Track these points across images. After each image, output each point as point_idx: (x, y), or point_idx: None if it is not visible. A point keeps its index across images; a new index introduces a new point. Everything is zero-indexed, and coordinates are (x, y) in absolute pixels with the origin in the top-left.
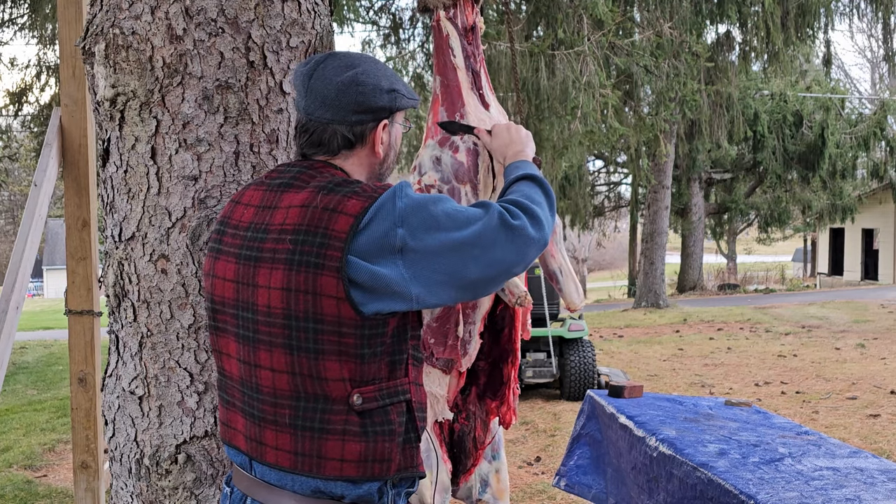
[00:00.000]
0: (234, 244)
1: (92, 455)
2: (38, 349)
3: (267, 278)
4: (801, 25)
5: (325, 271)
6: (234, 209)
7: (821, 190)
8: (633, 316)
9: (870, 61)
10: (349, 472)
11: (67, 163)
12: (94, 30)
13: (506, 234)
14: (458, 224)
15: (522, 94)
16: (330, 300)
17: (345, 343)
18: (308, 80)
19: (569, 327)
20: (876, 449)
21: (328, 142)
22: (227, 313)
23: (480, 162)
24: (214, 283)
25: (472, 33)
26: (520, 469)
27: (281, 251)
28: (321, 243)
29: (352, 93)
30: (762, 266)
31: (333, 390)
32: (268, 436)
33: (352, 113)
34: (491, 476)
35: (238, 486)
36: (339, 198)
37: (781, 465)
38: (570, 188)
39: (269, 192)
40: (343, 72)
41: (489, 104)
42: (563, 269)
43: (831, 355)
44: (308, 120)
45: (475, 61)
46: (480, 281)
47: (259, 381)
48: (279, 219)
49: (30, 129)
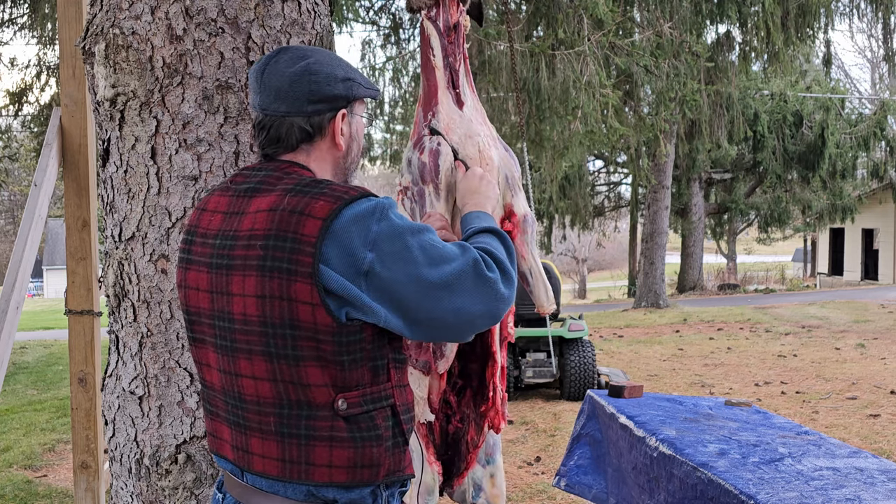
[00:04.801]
0: (204, 253)
1: (92, 455)
2: (38, 349)
3: (241, 286)
4: (801, 25)
5: (299, 277)
6: (201, 217)
7: (821, 190)
8: (633, 316)
9: (870, 61)
10: (339, 477)
11: (67, 163)
12: (94, 30)
13: (476, 283)
14: (432, 260)
15: (523, 95)
16: (305, 306)
17: (323, 349)
18: (261, 76)
19: (569, 327)
20: (876, 449)
21: (286, 136)
22: (204, 324)
23: (442, 163)
24: (188, 294)
25: (454, 32)
26: (520, 469)
27: (252, 258)
28: (291, 248)
29: (305, 82)
30: (762, 266)
31: (317, 396)
32: (254, 444)
33: (307, 103)
34: (485, 480)
35: (231, 493)
36: (306, 199)
37: (781, 465)
38: (570, 188)
39: (236, 197)
40: (295, 63)
41: (464, 103)
42: (533, 270)
43: (831, 355)
44: (264, 116)
45: (455, 60)
46: (437, 323)
47: (241, 390)
48: (247, 224)
49: (30, 129)
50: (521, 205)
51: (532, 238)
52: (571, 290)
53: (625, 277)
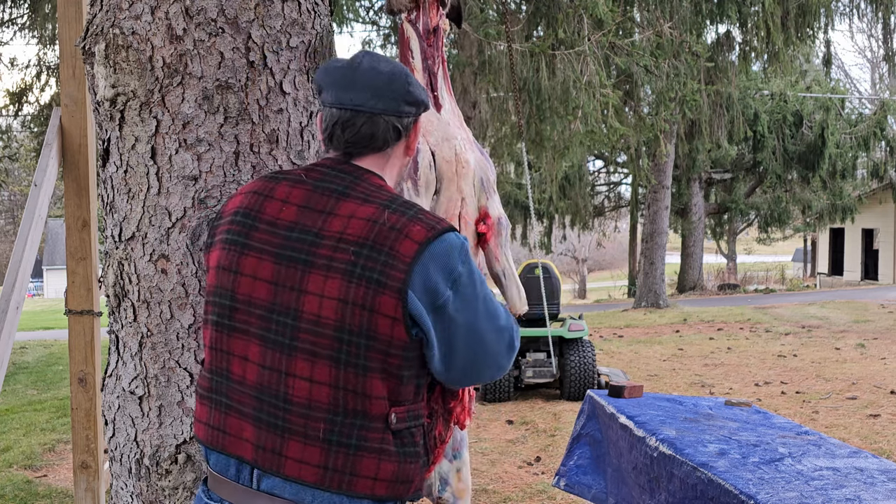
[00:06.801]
0: (272, 242)
1: (92, 455)
2: (38, 349)
3: (320, 286)
4: (801, 25)
5: (387, 290)
6: (265, 203)
7: (821, 190)
8: (633, 316)
9: (870, 61)
10: (380, 491)
11: (67, 163)
12: (94, 30)
13: (505, 352)
14: (489, 315)
15: (523, 95)
16: (386, 319)
17: (390, 363)
18: (352, 73)
19: (569, 327)
20: (876, 449)
21: (382, 134)
22: (255, 314)
23: (420, 159)
24: (240, 281)
25: (434, 35)
26: (520, 469)
27: (339, 260)
28: (385, 262)
29: (402, 82)
30: (762, 266)
31: (374, 408)
32: (292, 448)
33: (403, 103)
34: (451, 475)
35: (230, 500)
36: (405, 220)
37: (781, 465)
38: (570, 188)
39: (318, 194)
40: (387, 64)
41: (441, 106)
42: (506, 272)
43: (831, 355)
44: (355, 113)
45: (433, 63)
46: (466, 370)
47: (289, 391)
48: (337, 226)
49: (30, 129)
50: (496, 207)
51: (506, 240)
52: (571, 290)
53: (625, 277)
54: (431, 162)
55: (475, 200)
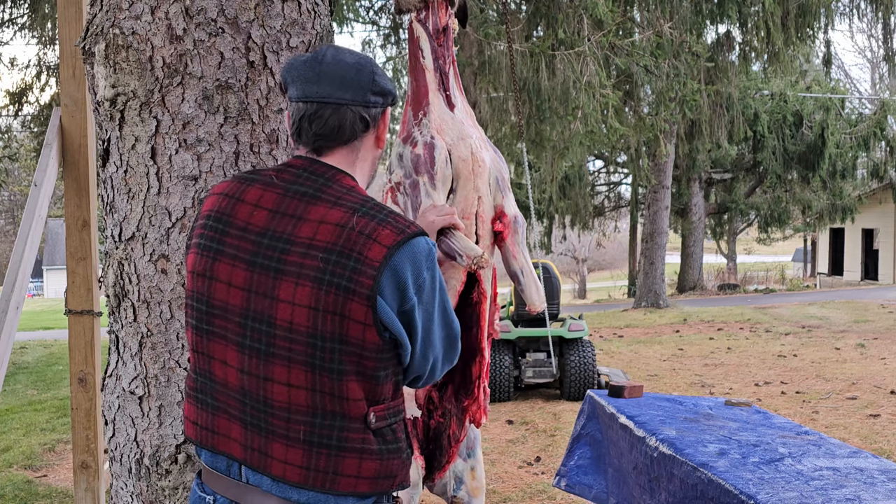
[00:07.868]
0: (244, 248)
1: (92, 455)
2: (38, 349)
3: (290, 293)
4: (801, 25)
5: (356, 297)
6: (237, 207)
7: (821, 190)
8: (633, 316)
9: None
10: (362, 488)
11: (67, 163)
12: (94, 30)
13: (449, 363)
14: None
15: (523, 95)
16: (357, 325)
17: (365, 365)
18: (318, 66)
19: (569, 327)
20: (876, 449)
21: (349, 126)
22: (231, 320)
23: (437, 154)
24: (214, 287)
25: (443, 35)
26: (520, 469)
27: (309, 267)
28: (354, 268)
29: (367, 72)
30: (762, 266)
31: (353, 409)
32: (276, 449)
33: (370, 93)
34: (466, 474)
35: (224, 494)
36: (374, 224)
37: (781, 465)
38: (570, 188)
39: (289, 198)
40: (352, 56)
41: (455, 105)
42: (524, 270)
43: (831, 355)
44: (321, 105)
45: (444, 62)
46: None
47: (270, 395)
48: (307, 232)
49: (30, 129)
50: (511, 206)
51: (522, 238)
52: (571, 290)
53: (625, 277)
54: (448, 158)
55: (491, 199)
